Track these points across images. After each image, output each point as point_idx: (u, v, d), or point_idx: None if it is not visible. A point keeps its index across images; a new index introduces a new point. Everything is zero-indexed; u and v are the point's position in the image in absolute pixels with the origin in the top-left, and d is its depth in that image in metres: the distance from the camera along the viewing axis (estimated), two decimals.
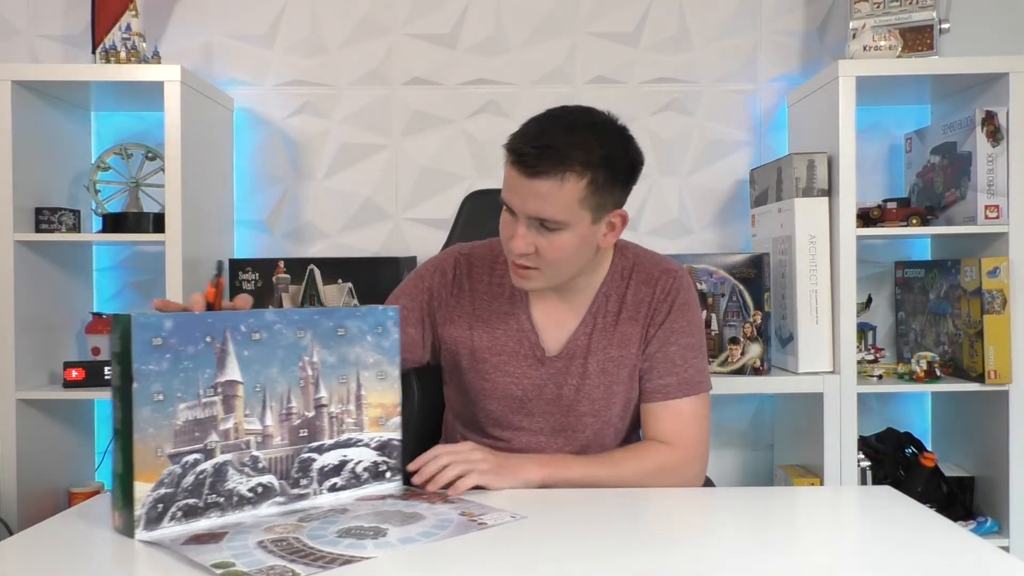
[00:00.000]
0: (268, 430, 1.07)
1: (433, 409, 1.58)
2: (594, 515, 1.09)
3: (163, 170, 1.99)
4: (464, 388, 1.39)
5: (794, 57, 2.35)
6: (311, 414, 1.11)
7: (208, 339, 1.01)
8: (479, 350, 1.35)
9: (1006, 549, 1.92)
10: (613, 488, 1.21)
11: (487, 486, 1.16)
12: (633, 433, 1.41)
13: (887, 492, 1.19)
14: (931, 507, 1.68)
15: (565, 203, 1.17)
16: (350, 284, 2.11)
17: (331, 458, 1.13)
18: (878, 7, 2.06)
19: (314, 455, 1.11)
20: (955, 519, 1.91)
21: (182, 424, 0.99)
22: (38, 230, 2.00)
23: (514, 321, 1.34)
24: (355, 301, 2.09)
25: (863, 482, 1.99)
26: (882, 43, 2.00)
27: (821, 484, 1.98)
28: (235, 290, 2.13)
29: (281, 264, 2.12)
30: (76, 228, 2.06)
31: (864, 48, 2.00)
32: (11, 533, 1.84)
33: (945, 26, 2.03)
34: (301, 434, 1.10)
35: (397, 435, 1.20)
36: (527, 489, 1.20)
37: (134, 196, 2.17)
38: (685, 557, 0.93)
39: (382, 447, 1.18)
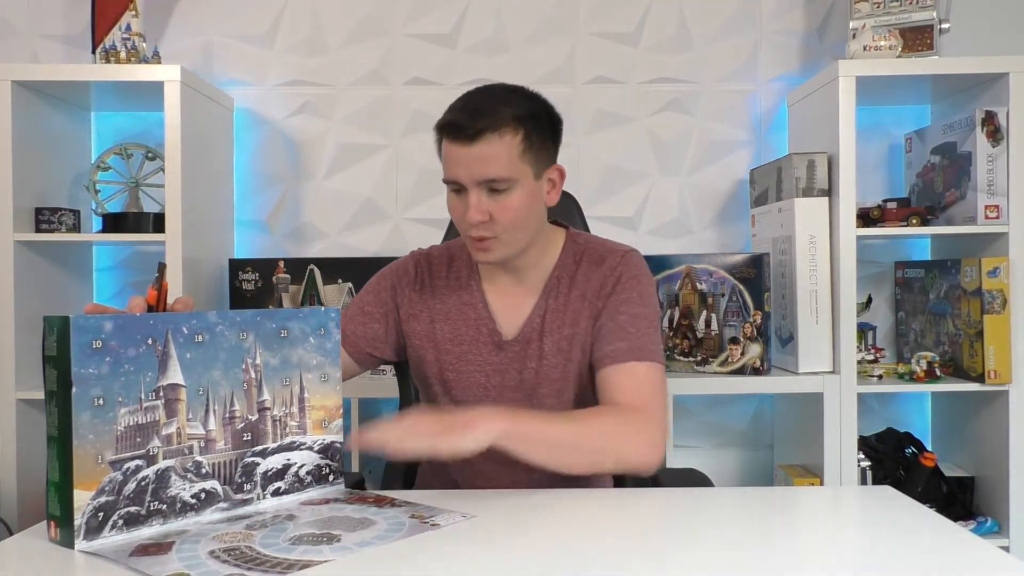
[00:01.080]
0: (211, 434, 1.05)
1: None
2: (568, 514, 1.09)
3: (163, 170, 1.99)
4: (430, 382, 1.40)
5: (794, 57, 2.35)
6: (254, 417, 1.10)
7: (149, 341, 0.99)
8: (442, 342, 1.38)
9: (1006, 549, 1.92)
10: (571, 448, 1.17)
11: (434, 451, 1.06)
12: None
13: (887, 492, 1.19)
14: (931, 507, 1.68)
15: (507, 158, 1.22)
16: (350, 284, 2.11)
17: (274, 462, 1.12)
18: (878, 7, 2.06)
19: (258, 459, 1.10)
20: (955, 519, 1.91)
21: (123, 429, 0.96)
22: (38, 230, 2.00)
23: (471, 310, 1.37)
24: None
25: (863, 482, 1.99)
26: (882, 43, 2.00)
27: (821, 484, 1.98)
28: (235, 291, 2.13)
29: (281, 264, 2.12)
30: (76, 228, 2.06)
31: (864, 48, 2.00)
32: (11, 533, 1.84)
33: (945, 26, 2.03)
34: (244, 438, 1.09)
35: (339, 438, 1.20)
36: (479, 490, 1.21)
37: (134, 196, 2.17)
38: (685, 557, 0.93)
39: (325, 450, 1.18)
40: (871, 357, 2.13)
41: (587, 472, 1.24)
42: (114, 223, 2.05)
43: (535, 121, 1.26)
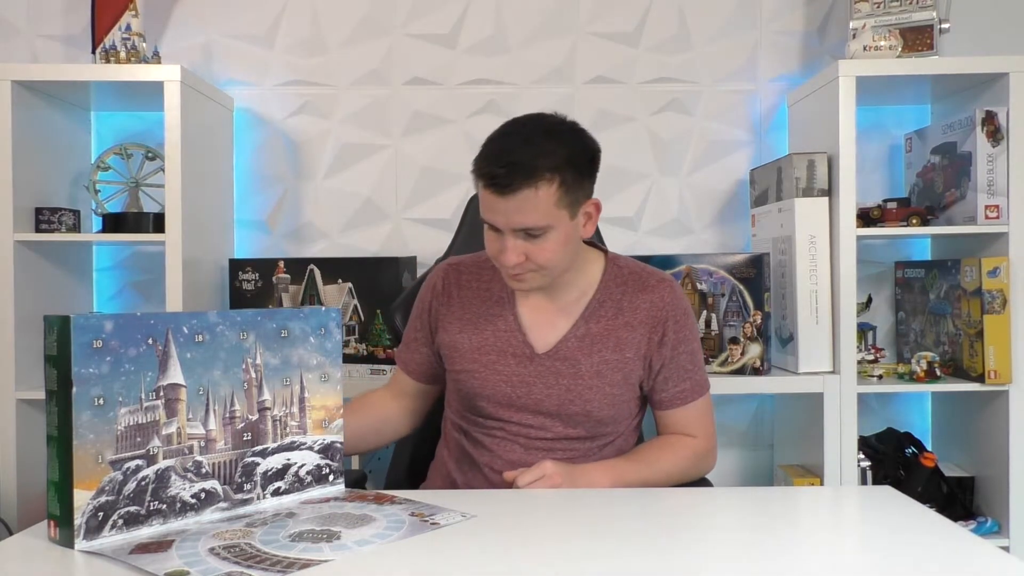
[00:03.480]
0: (211, 434, 1.05)
1: (432, 409, 1.59)
2: (560, 513, 1.09)
3: (163, 170, 1.99)
4: (457, 388, 1.44)
5: (794, 57, 2.35)
6: (254, 417, 1.10)
7: (150, 341, 0.99)
8: (468, 351, 1.40)
9: (1006, 549, 1.91)
10: (653, 485, 1.32)
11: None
12: (620, 430, 1.43)
13: (887, 492, 1.19)
14: (931, 507, 1.68)
15: (544, 209, 1.24)
16: (350, 284, 2.11)
17: (274, 462, 1.12)
18: (878, 7, 2.06)
19: (258, 459, 1.10)
20: (955, 519, 1.91)
21: (123, 429, 0.97)
22: (38, 230, 2.00)
23: (501, 322, 1.40)
24: (355, 301, 2.09)
25: (863, 482, 1.99)
26: (882, 43, 2.00)
27: (821, 484, 1.98)
28: (235, 291, 2.13)
29: (281, 264, 2.12)
30: (76, 228, 2.06)
31: (864, 48, 2.00)
32: (11, 533, 1.84)
33: (945, 26, 2.03)
34: (245, 438, 1.09)
35: (340, 438, 1.20)
36: (478, 490, 1.33)
37: (134, 196, 2.17)
38: (685, 557, 0.93)
39: (325, 450, 1.18)
40: (871, 357, 2.13)
41: None
42: (114, 223, 2.05)
43: (572, 163, 1.26)
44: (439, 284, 1.46)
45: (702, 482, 1.45)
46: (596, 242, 1.48)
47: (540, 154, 1.23)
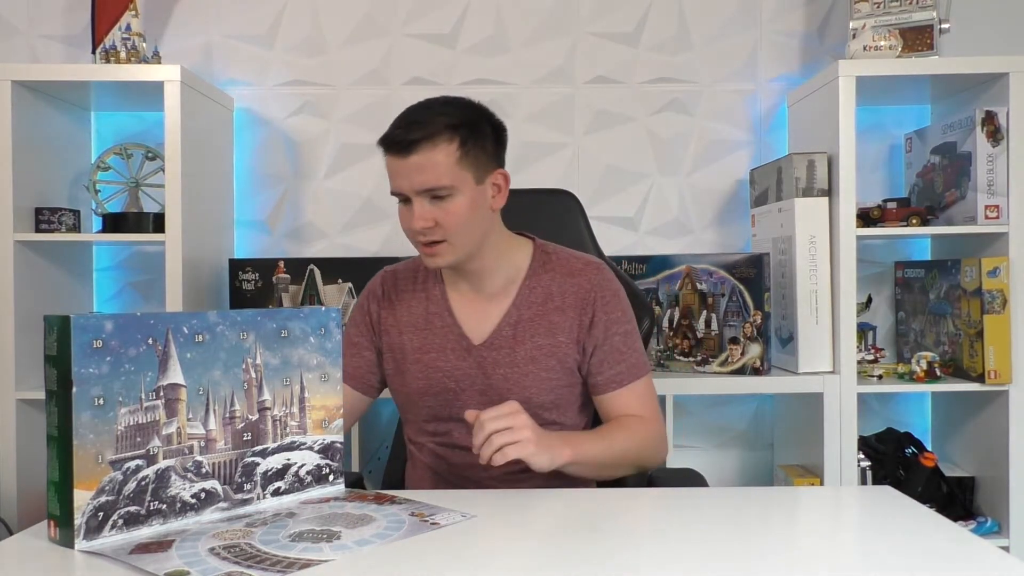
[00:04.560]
0: (211, 434, 1.05)
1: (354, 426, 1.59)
2: (560, 513, 1.09)
3: (163, 170, 1.99)
4: (403, 391, 1.44)
5: (794, 57, 2.35)
6: (254, 417, 1.10)
7: (150, 341, 0.99)
8: (411, 351, 1.41)
9: (1006, 549, 1.91)
10: (615, 464, 1.31)
11: (529, 461, 1.17)
12: (566, 420, 1.42)
13: (887, 492, 1.19)
14: (931, 507, 1.68)
15: (444, 167, 1.26)
16: (350, 284, 2.11)
17: (274, 462, 1.12)
18: (878, 7, 2.06)
19: (258, 459, 1.10)
20: (955, 519, 1.91)
21: (123, 429, 0.96)
22: (38, 230, 1.99)
23: (438, 319, 1.41)
24: (355, 301, 2.09)
25: (863, 482, 1.99)
26: (882, 43, 2.00)
27: (821, 484, 1.98)
28: (235, 291, 2.13)
29: (281, 264, 2.12)
30: (76, 228, 2.06)
31: (864, 48, 2.00)
32: (11, 533, 1.84)
33: (945, 26, 2.03)
34: (245, 438, 1.09)
35: (340, 438, 1.20)
36: (478, 490, 1.28)
37: (134, 196, 2.17)
38: (685, 557, 0.93)
39: (325, 450, 1.18)
40: (871, 357, 2.13)
41: (620, 476, 1.38)
42: (114, 223, 2.05)
43: (471, 128, 1.29)
44: (379, 290, 1.47)
45: (698, 481, 1.44)
46: (526, 232, 1.47)
47: (438, 114, 1.27)
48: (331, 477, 1.19)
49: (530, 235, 1.47)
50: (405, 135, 1.26)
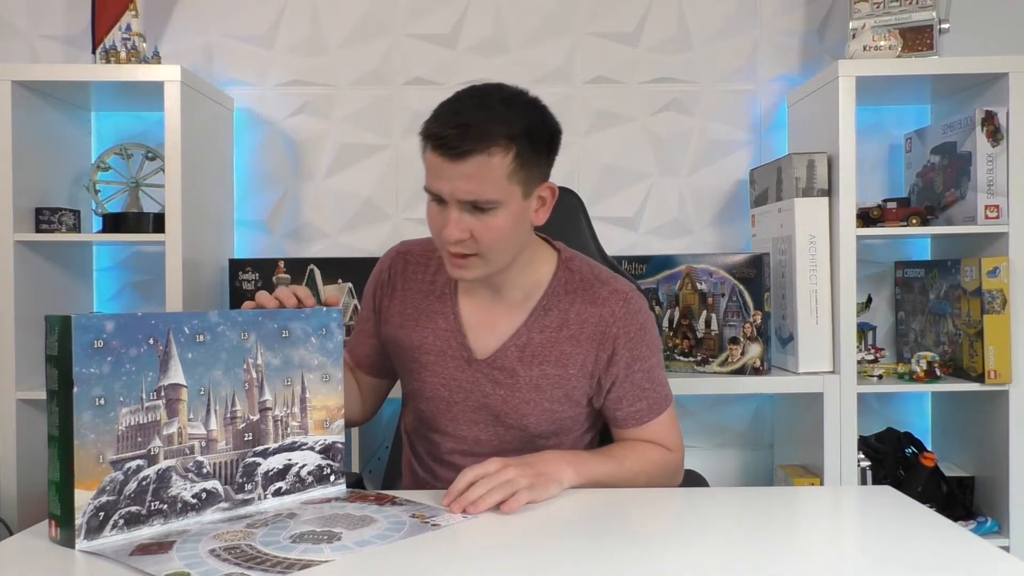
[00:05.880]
0: (212, 434, 1.05)
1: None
2: (560, 514, 1.09)
3: (163, 170, 1.99)
4: (404, 387, 1.39)
5: (794, 57, 2.35)
6: (256, 417, 1.10)
7: (151, 341, 0.99)
8: (408, 349, 1.33)
9: (1006, 549, 1.91)
10: (618, 486, 1.22)
11: (536, 500, 1.11)
12: (561, 447, 1.34)
13: (887, 492, 1.19)
14: (931, 507, 1.68)
15: (495, 180, 1.14)
16: (350, 284, 2.11)
17: (276, 462, 1.12)
18: (878, 7, 2.06)
19: (259, 459, 1.10)
20: (955, 519, 1.91)
21: (124, 429, 0.96)
22: (38, 230, 1.99)
23: (442, 320, 1.31)
24: (355, 301, 2.09)
25: (863, 482, 1.99)
26: (882, 43, 2.00)
27: (821, 484, 1.98)
28: (235, 291, 2.13)
29: (281, 264, 2.12)
30: (76, 228, 2.06)
31: (864, 48, 2.00)
32: (11, 533, 1.84)
33: (945, 26, 2.03)
34: (246, 438, 1.09)
35: (341, 438, 1.20)
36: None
37: (134, 196, 2.17)
38: (685, 557, 0.93)
39: (326, 450, 1.18)
40: (871, 357, 2.13)
41: None
42: (114, 223, 2.05)
43: (529, 136, 1.17)
44: (385, 274, 1.37)
45: (697, 482, 1.44)
46: (549, 238, 1.36)
47: (497, 119, 1.13)
48: (332, 477, 1.18)
49: (555, 243, 1.36)
50: (459, 140, 1.12)
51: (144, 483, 0.99)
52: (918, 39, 2.03)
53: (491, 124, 1.13)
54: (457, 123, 1.13)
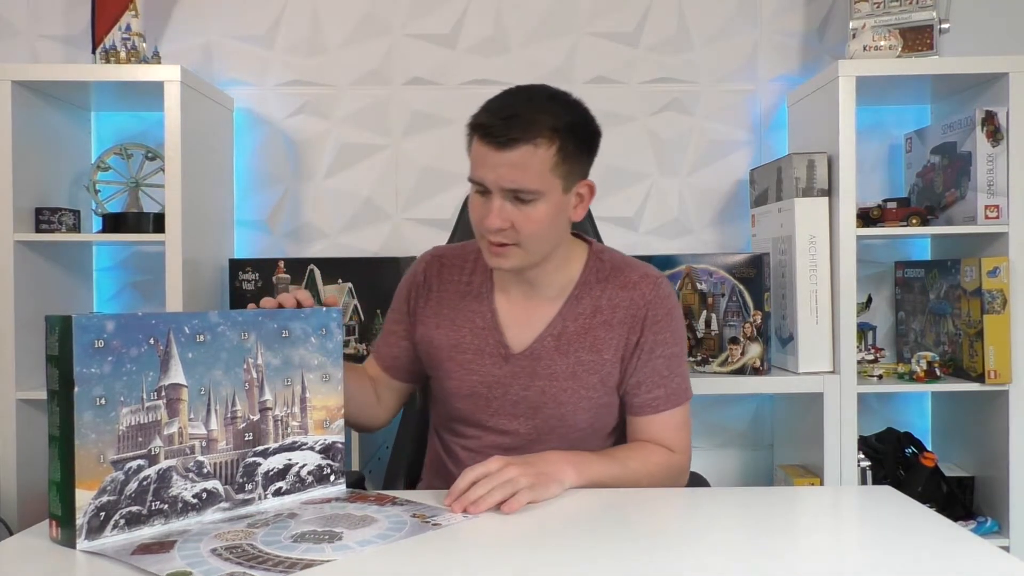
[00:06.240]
0: (213, 434, 1.05)
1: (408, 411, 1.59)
2: (560, 514, 1.09)
3: (163, 170, 1.99)
4: (436, 387, 1.40)
5: (794, 57, 2.35)
6: (256, 417, 1.10)
7: (151, 341, 0.99)
8: (444, 348, 1.35)
9: (1006, 549, 1.91)
10: (621, 487, 1.22)
11: (536, 500, 1.11)
12: (598, 439, 1.37)
13: (887, 492, 1.19)
14: (931, 507, 1.68)
15: (538, 170, 1.18)
16: (350, 284, 2.11)
17: (276, 462, 1.12)
18: (878, 7, 2.06)
19: (259, 459, 1.10)
20: (955, 519, 1.91)
21: (125, 429, 0.96)
22: (38, 230, 1.99)
23: (479, 318, 1.34)
24: (355, 301, 2.09)
25: (863, 482, 1.99)
26: (882, 43, 2.00)
27: (821, 484, 1.98)
28: (235, 291, 2.13)
29: (281, 264, 2.12)
30: (76, 228, 2.06)
31: (864, 48, 2.00)
32: (11, 533, 1.84)
33: (945, 26, 2.03)
34: (246, 438, 1.09)
35: (341, 438, 1.20)
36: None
37: (134, 196, 2.17)
38: (685, 557, 0.93)
39: (326, 450, 1.18)
40: (871, 357, 2.13)
41: None
42: (114, 223, 2.05)
43: (573, 131, 1.21)
44: (420, 276, 1.40)
45: (698, 482, 1.44)
46: (582, 233, 1.41)
47: (543, 112, 1.19)
48: (332, 477, 1.19)
49: (586, 237, 1.40)
50: (506, 129, 1.17)
51: (145, 483, 0.99)
52: (918, 39, 2.03)
53: (538, 115, 1.18)
54: (505, 114, 1.18)
